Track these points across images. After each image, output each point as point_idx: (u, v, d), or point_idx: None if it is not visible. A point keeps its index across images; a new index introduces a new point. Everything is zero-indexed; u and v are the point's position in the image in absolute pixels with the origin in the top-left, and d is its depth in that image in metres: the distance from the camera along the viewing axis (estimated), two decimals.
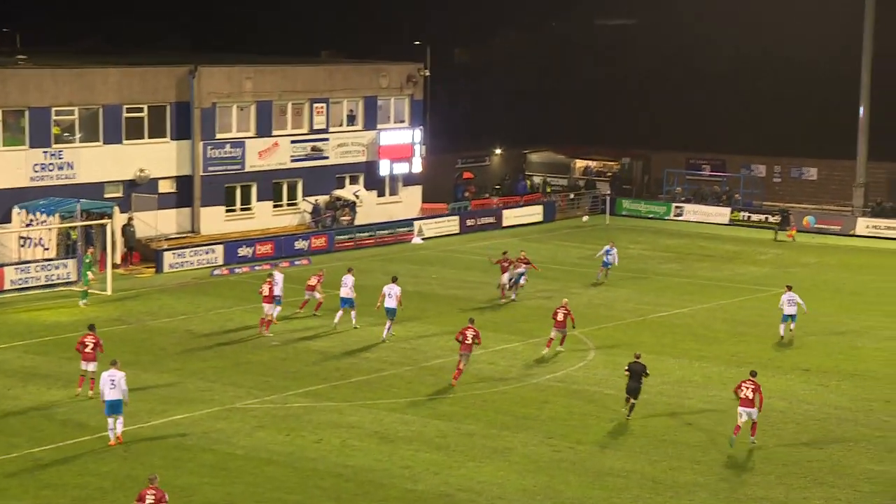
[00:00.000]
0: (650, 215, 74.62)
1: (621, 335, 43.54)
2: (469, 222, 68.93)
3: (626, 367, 33.97)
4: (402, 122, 70.14)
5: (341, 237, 62.66)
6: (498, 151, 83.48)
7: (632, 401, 33.50)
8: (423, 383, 37.17)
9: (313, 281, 45.53)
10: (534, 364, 39.50)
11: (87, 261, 48.60)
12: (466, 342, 36.59)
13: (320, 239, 61.81)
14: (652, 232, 69.14)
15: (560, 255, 60.95)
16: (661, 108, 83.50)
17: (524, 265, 49.12)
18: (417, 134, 70.07)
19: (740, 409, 31.22)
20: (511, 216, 71.19)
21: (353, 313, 43.30)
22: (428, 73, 71.48)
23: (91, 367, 34.95)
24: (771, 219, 69.73)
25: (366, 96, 68.29)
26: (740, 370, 38.50)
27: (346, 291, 43.18)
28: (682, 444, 31.53)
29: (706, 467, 29.80)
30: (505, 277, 48.79)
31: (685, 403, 35.30)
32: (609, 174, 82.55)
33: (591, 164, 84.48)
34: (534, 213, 72.77)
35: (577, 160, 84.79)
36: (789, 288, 43.35)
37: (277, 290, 42.83)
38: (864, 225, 68.38)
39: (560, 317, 40.23)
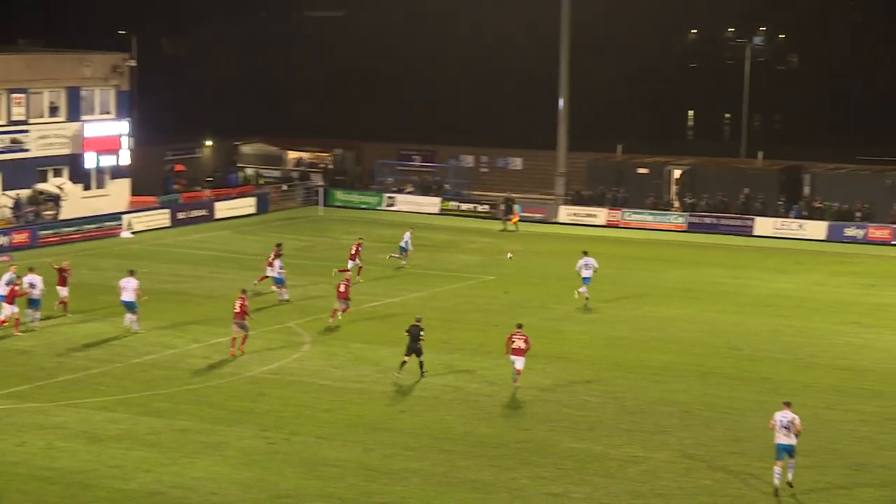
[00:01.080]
0: (363, 206, 75.35)
1: (335, 325, 43.73)
2: (180, 215, 67.74)
3: (406, 330, 36.77)
4: (108, 113, 68.19)
5: (45, 232, 60.40)
6: (209, 143, 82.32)
7: (408, 359, 36.47)
8: (133, 380, 36.31)
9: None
10: (248, 357, 39.19)
11: None
12: (238, 312, 38.82)
13: (22, 234, 59.39)
14: (365, 222, 69.79)
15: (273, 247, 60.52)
16: (373, 100, 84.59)
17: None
18: (124, 125, 68.26)
19: (513, 357, 35.60)
20: (224, 209, 70.38)
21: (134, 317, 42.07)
22: (134, 63, 69.74)
23: None
24: (483, 207, 71.82)
25: (68, 87, 66.02)
26: (451, 357, 39.48)
27: (128, 295, 41.71)
28: (396, 432, 32.00)
29: (419, 453, 30.34)
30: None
31: (400, 391, 35.81)
32: (322, 165, 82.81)
33: (304, 155, 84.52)
34: (247, 205, 72.20)
35: (289, 152, 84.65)
36: (585, 253, 47.28)
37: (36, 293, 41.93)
38: (565, 212, 71.17)
39: (342, 287, 43.25)
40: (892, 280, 53.41)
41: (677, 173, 72.73)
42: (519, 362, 35.75)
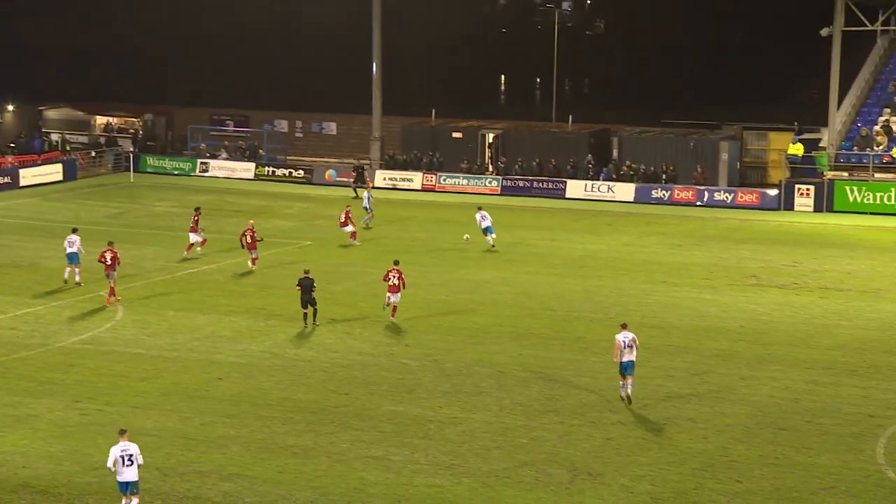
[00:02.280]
0: (176, 172, 73.99)
1: (149, 293, 42.99)
2: None
3: (297, 283, 38.39)
4: None
5: None
6: (10, 107, 79.48)
7: (312, 309, 38.45)
8: None
9: None
10: (59, 328, 38.20)
11: None
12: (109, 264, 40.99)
13: None
14: (178, 189, 68.61)
15: (84, 215, 59.13)
16: (184, 65, 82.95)
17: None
18: None
19: (388, 294, 38.74)
20: (29, 176, 68.22)
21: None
22: None
23: None
24: (298, 173, 71.44)
25: None
26: (268, 323, 39.23)
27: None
28: (214, 399, 31.67)
29: (238, 420, 30.11)
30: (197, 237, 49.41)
31: (216, 358, 35.44)
32: (132, 131, 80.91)
33: (112, 120, 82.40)
34: (53, 171, 70.11)
35: (97, 117, 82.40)
36: (480, 208, 52.61)
37: None
38: (381, 177, 71.28)
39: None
40: (696, 240, 55.25)
41: (491, 137, 73.60)
42: (394, 297, 38.89)
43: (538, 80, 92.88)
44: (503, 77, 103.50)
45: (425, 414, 30.77)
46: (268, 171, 73.14)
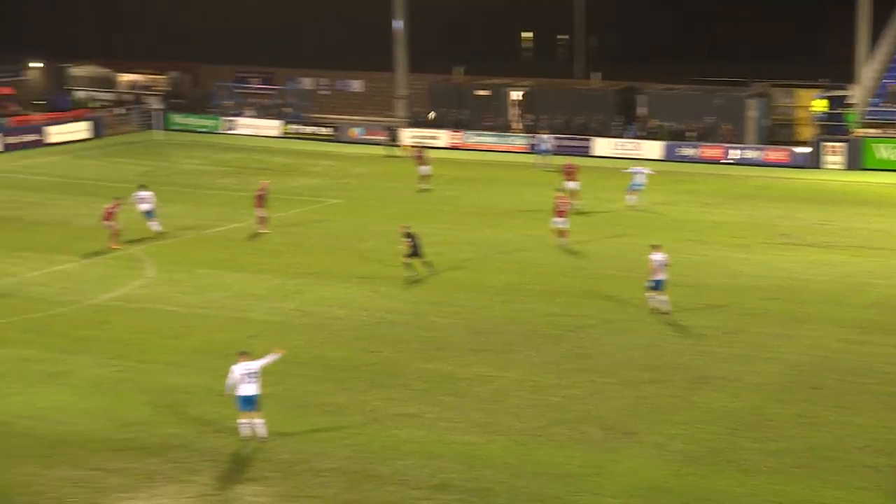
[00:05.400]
0: (202, 129, 74.02)
1: (179, 251, 43.12)
2: (10, 140, 65.48)
3: (407, 236, 39.12)
4: None
5: None
6: (36, 65, 79.52)
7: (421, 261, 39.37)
8: None
9: None
10: (91, 285, 38.38)
11: None
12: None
13: None
14: (205, 146, 68.69)
15: (111, 172, 59.31)
16: (209, 22, 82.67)
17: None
18: None
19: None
20: (57, 133, 68.33)
21: None
22: None
23: None
24: (325, 130, 71.50)
25: None
26: (299, 281, 39.30)
27: None
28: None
29: (271, 378, 29.98)
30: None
31: (248, 316, 35.55)
32: (158, 88, 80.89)
33: (138, 78, 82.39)
34: (81, 129, 70.19)
35: (123, 74, 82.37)
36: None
37: None
38: (407, 135, 71.08)
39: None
40: (724, 198, 54.98)
41: (516, 95, 73.25)
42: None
43: (563, 36, 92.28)
44: (527, 34, 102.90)
45: (456, 372, 30.83)
46: (294, 130, 73.10)
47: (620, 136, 68.33)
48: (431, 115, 49.76)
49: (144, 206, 44.68)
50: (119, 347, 32.29)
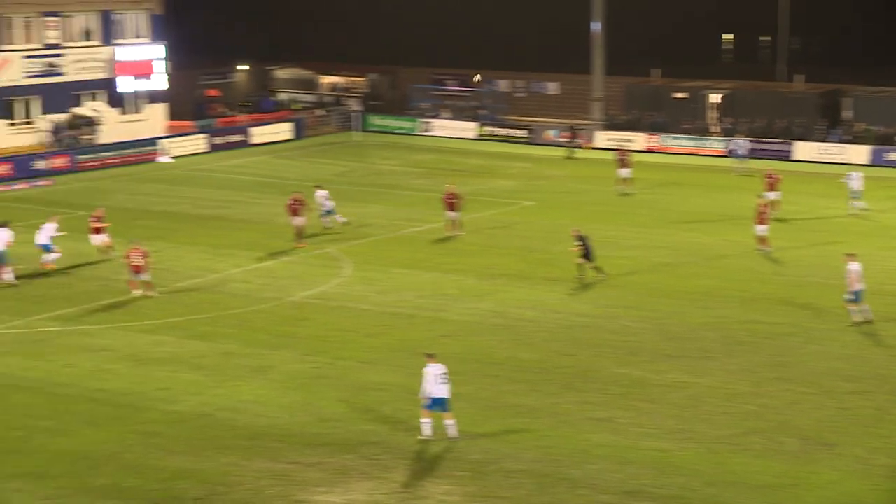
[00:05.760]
0: (399, 131, 75.07)
1: (375, 251, 43.78)
2: (217, 140, 67.71)
3: (579, 240, 38.99)
4: (142, 36, 67.95)
5: (84, 157, 60.58)
6: (243, 68, 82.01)
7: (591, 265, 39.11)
8: (177, 304, 36.52)
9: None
10: (290, 282, 39.31)
11: None
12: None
13: (62, 159, 59.60)
14: (401, 147, 69.66)
15: (311, 172, 60.65)
16: (407, 24, 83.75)
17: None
18: (159, 49, 68.04)
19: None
20: (260, 134, 70.32)
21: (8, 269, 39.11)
22: None
23: None
24: (520, 133, 71.70)
25: (101, 10, 65.78)
26: (493, 282, 39.43)
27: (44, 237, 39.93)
28: (440, 356, 31.94)
29: (464, 378, 30.33)
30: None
31: (441, 316, 35.84)
32: (357, 90, 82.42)
33: (339, 80, 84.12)
34: (283, 130, 72.08)
35: (323, 77, 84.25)
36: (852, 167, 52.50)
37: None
38: (603, 138, 70.64)
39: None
40: None
41: (715, 98, 71.97)
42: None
43: (765, 38, 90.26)
44: (728, 36, 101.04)
45: (649, 377, 30.43)
46: (490, 132, 73.48)
47: (824, 141, 66.41)
48: (477, 77, 49.32)
49: (327, 205, 45.56)
50: (317, 344, 32.96)
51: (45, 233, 40.18)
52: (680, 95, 72.47)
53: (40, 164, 58.45)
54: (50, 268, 39.72)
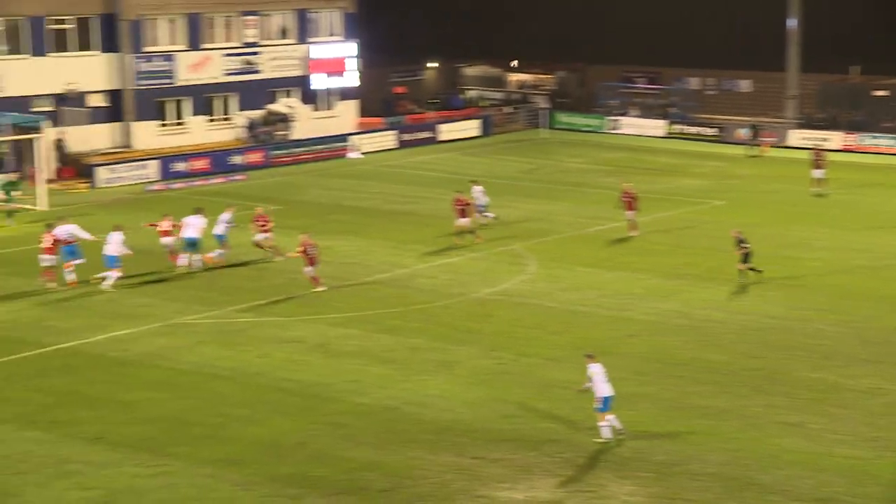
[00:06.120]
0: (586, 128, 74.68)
1: (560, 249, 43.66)
2: (406, 137, 68.56)
3: (739, 242, 38.42)
4: (335, 35, 69.28)
5: (278, 152, 62.11)
6: (433, 65, 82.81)
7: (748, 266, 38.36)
8: (365, 298, 37.10)
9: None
10: (475, 278, 39.52)
11: (8, 182, 47.58)
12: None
13: (256, 154, 61.24)
14: (589, 145, 69.30)
15: (498, 169, 60.90)
16: (596, 20, 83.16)
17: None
18: (351, 47, 69.26)
19: None
20: (448, 131, 70.88)
21: (196, 257, 39.97)
22: None
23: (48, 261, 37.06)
24: (710, 131, 70.60)
25: (297, 9, 67.31)
26: (679, 282, 38.89)
27: (191, 232, 39.94)
28: (624, 356, 31.74)
29: (648, 378, 30.07)
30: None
31: (625, 315, 35.52)
32: (545, 88, 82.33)
33: (526, 77, 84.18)
34: (470, 127, 72.51)
35: (511, 74, 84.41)
36: None
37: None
38: (796, 137, 68.88)
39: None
40: None
41: None
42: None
43: None
44: None
45: (843, 382, 29.55)
46: (679, 130, 72.46)
47: None
48: (513, 63, 47.65)
49: (482, 200, 45.42)
50: (501, 340, 33.05)
51: (221, 224, 40.79)
52: (880, 93, 70.11)
53: (236, 159, 60.20)
54: (213, 262, 40.25)
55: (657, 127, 73.16)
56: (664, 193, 54.49)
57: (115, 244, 38.02)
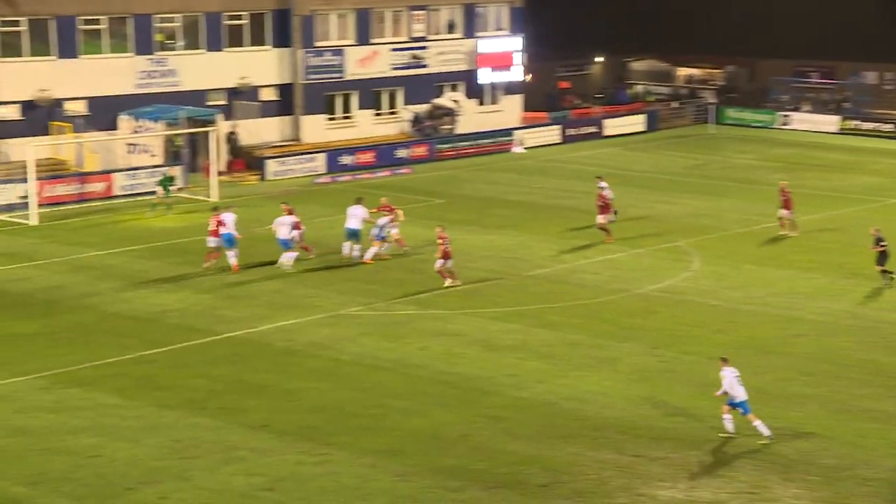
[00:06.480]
0: (756, 124, 73.20)
1: (725, 246, 42.92)
2: (570, 132, 68.25)
3: (878, 241, 37.19)
4: (502, 29, 69.35)
5: (442, 146, 62.50)
6: (599, 60, 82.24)
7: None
8: (526, 293, 37.08)
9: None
10: (638, 275, 39.15)
11: (166, 177, 48.72)
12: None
13: (421, 148, 61.74)
14: (758, 141, 67.93)
15: (664, 165, 60.21)
16: (767, 14, 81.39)
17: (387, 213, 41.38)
18: (517, 42, 69.24)
19: None
20: (613, 126, 70.32)
21: (357, 246, 40.23)
22: None
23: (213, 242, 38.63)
24: (887, 127, 68.64)
25: (465, 3, 67.59)
26: (850, 282, 37.85)
27: (353, 223, 40.17)
28: (790, 356, 31.08)
29: (815, 379, 29.36)
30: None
31: (792, 314, 34.73)
32: (714, 83, 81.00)
33: (695, 72, 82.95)
34: (636, 122, 71.80)
35: (679, 68, 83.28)
36: None
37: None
38: None
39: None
40: None
41: None
42: None
43: None
44: None
45: None
46: (853, 126, 70.43)
47: None
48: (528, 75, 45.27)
49: (607, 193, 44.21)
50: (663, 338, 32.66)
51: (355, 218, 40.39)
52: None
53: (402, 153, 60.79)
54: (380, 257, 40.38)
55: (830, 123, 71.27)
56: (836, 191, 53.09)
57: (285, 228, 39.29)
